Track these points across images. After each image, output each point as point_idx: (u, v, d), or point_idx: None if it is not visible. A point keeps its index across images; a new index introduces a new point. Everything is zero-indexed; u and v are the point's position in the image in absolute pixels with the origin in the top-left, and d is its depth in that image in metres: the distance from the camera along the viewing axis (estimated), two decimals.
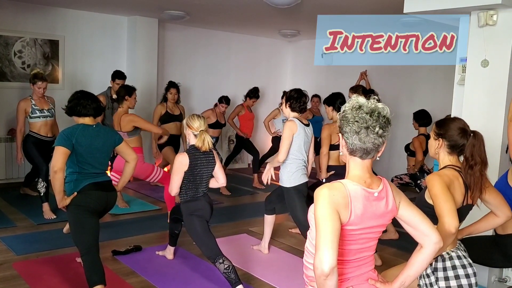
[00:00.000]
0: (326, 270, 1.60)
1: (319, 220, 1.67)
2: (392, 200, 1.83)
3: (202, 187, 3.71)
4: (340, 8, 5.98)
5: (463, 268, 2.29)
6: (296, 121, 4.06)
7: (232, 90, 8.48)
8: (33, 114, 5.38)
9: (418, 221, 1.86)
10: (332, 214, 1.66)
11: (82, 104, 3.34)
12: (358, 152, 1.77)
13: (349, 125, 1.75)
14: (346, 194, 1.72)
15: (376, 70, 7.90)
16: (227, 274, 3.42)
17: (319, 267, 1.61)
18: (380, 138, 1.75)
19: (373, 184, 1.81)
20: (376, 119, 1.74)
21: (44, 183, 5.22)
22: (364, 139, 1.73)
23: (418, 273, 1.92)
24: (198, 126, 3.61)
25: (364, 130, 1.73)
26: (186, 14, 6.86)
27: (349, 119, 1.75)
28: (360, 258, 1.86)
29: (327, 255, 1.61)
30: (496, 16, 3.67)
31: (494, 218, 2.61)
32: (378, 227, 1.84)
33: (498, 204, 2.55)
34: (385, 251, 4.54)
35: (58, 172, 3.15)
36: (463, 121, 2.45)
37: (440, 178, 2.28)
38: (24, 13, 6.61)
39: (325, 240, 1.63)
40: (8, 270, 3.87)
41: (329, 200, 1.68)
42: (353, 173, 1.81)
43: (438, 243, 1.85)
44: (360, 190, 1.76)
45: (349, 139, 1.76)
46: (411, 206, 1.89)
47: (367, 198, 1.77)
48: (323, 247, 1.62)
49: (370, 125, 1.73)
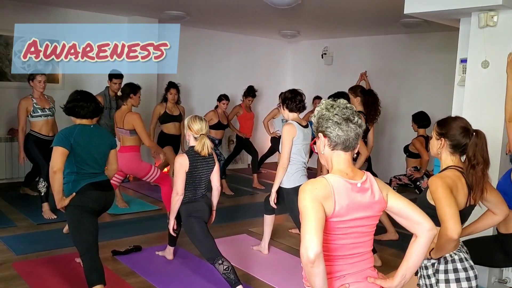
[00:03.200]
0: (312, 256, 1.63)
1: (303, 212, 1.72)
2: (378, 191, 1.86)
3: (201, 189, 3.71)
4: (340, 8, 5.98)
5: (465, 271, 2.28)
6: (295, 124, 4.04)
7: (232, 91, 8.48)
8: (35, 113, 5.38)
9: (408, 210, 1.87)
10: (315, 205, 1.71)
11: (81, 106, 3.34)
12: (342, 144, 1.84)
13: (330, 119, 1.83)
14: (329, 187, 1.77)
15: (376, 71, 7.91)
16: (227, 274, 3.42)
17: (304, 253, 1.65)
18: (359, 128, 1.84)
19: (355, 176, 1.85)
20: (352, 112, 1.85)
21: (45, 183, 5.21)
22: (346, 129, 1.82)
23: (418, 264, 1.92)
24: (199, 130, 3.60)
25: (345, 122, 1.82)
26: (186, 15, 6.86)
27: (327, 115, 1.84)
28: (355, 255, 1.86)
29: (311, 241, 1.64)
30: (496, 17, 3.68)
31: (493, 216, 2.61)
32: (368, 219, 1.84)
33: (497, 202, 2.54)
34: (385, 252, 4.54)
35: (57, 172, 3.15)
36: (465, 120, 2.42)
37: (442, 181, 2.26)
38: (24, 12, 6.61)
39: (309, 228, 1.67)
40: (8, 270, 3.87)
41: (311, 194, 1.74)
42: (336, 168, 1.86)
43: (432, 229, 1.85)
44: (342, 181, 1.80)
45: (332, 133, 1.83)
46: (399, 197, 1.91)
47: (351, 189, 1.80)
48: (306, 234, 1.66)
49: (348, 116, 1.84)
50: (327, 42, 9.02)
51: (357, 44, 8.53)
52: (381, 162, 7.83)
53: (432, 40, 7.41)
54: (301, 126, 4.08)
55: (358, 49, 8.50)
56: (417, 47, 7.64)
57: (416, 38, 7.62)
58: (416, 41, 7.64)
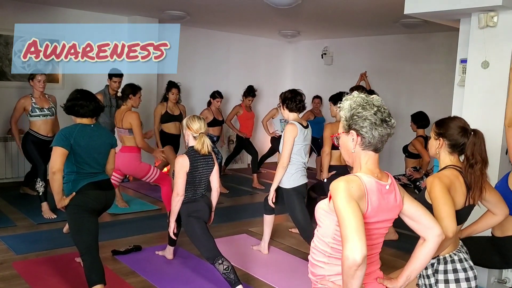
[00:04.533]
0: (359, 259, 1.59)
1: (342, 212, 1.66)
2: (399, 194, 1.86)
3: (201, 189, 3.72)
4: (340, 8, 5.98)
5: (464, 272, 2.29)
6: (297, 124, 4.05)
7: (232, 90, 8.49)
8: (33, 113, 5.38)
9: (420, 214, 1.88)
10: (352, 204, 1.67)
11: (80, 104, 3.33)
12: (374, 146, 1.80)
13: (367, 119, 1.77)
14: (363, 187, 1.74)
15: (376, 71, 7.92)
16: (226, 274, 3.42)
17: (351, 257, 1.59)
18: (392, 129, 1.81)
19: (383, 178, 1.84)
20: (388, 112, 1.81)
21: (42, 183, 5.21)
22: (383, 131, 1.78)
23: (423, 267, 1.94)
24: (198, 129, 3.61)
25: (382, 123, 1.78)
26: (187, 15, 6.86)
27: (364, 114, 1.78)
28: (371, 256, 1.86)
29: (358, 243, 1.59)
30: (496, 17, 3.67)
31: (493, 217, 2.60)
32: (388, 221, 1.85)
33: (496, 202, 2.53)
34: (384, 252, 4.50)
35: (56, 173, 3.14)
36: (463, 120, 2.42)
37: (439, 181, 2.27)
38: (24, 12, 6.61)
39: (354, 230, 1.61)
40: (8, 270, 3.87)
41: (348, 193, 1.69)
42: (366, 167, 1.82)
43: (441, 235, 1.87)
44: (374, 182, 1.78)
45: (368, 133, 1.78)
46: (413, 200, 1.92)
47: (380, 191, 1.79)
48: (352, 237, 1.60)
49: (385, 117, 1.79)
50: (327, 42, 9.02)
51: (357, 44, 8.53)
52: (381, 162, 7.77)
53: (432, 41, 7.41)
54: (302, 126, 4.09)
55: (358, 49, 8.50)
56: (417, 47, 7.65)
57: (416, 38, 7.62)
58: (416, 41, 7.64)
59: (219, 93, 7.03)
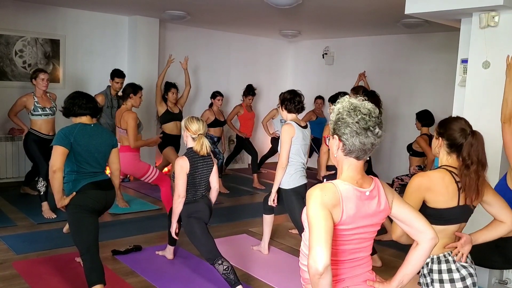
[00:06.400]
0: (320, 268, 1.60)
1: (312, 220, 1.67)
2: (384, 199, 1.83)
3: (201, 189, 3.71)
4: (341, 8, 5.97)
5: (458, 272, 2.26)
6: (294, 124, 4.04)
7: (232, 90, 8.49)
8: (35, 112, 5.39)
9: (412, 218, 1.87)
10: (324, 214, 1.67)
11: (77, 104, 3.33)
12: (356, 153, 1.78)
13: (349, 126, 1.74)
14: (338, 195, 1.73)
15: (377, 71, 7.91)
16: (226, 275, 3.42)
17: (313, 266, 1.62)
18: (378, 138, 1.77)
19: (364, 184, 1.82)
20: (375, 120, 1.76)
21: (44, 182, 5.21)
22: (364, 140, 1.74)
23: (416, 271, 1.91)
24: (197, 130, 3.61)
25: (364, 132, 1.74)
26: (187, 14, 6.86)
27: (347, 121, 1.75)
28: (355, 259, 1.85)
29: (321, 253, 1.61)
30: (497, 17, 3.67)
31: (501, 225, 2.43)
32: (371, 226, 1.83)
33: (500, 208, 2.41)
34: (384, 252, 4.54)
35: (57, 172, 3.14)
36: (464, 121, 2.40)
37: (416, 180, 2.28)
38: (25, 12, 6.61)
39: (318, 239, 1.63)
40: (8, 269, 3.87)
41: (320, 201, 1.69)
42: (346, 174, 1.81)
43: (434, 239, 1.85)
44: (351, 189, 1.77)
45: (348, 141, 1.75)
46: (404, 204, 1.89)
47: (359, 197, 1.77)
48: (316, 246, 1.62)
49: (370, 126, 1.74)
50: (328, 42, 9.02)
51: (358, 44, 8.52)
52: (382, 163, 7.83)
53: (433, 40, 7.40)
54: (300, 127, 4.07)
55: (359, 49, 8.49)
56: (418, 47, 7.64)
57: (417, 38, 7.61)
58: (417, 41, 7.63)
59: (219, 93, 7.03)
